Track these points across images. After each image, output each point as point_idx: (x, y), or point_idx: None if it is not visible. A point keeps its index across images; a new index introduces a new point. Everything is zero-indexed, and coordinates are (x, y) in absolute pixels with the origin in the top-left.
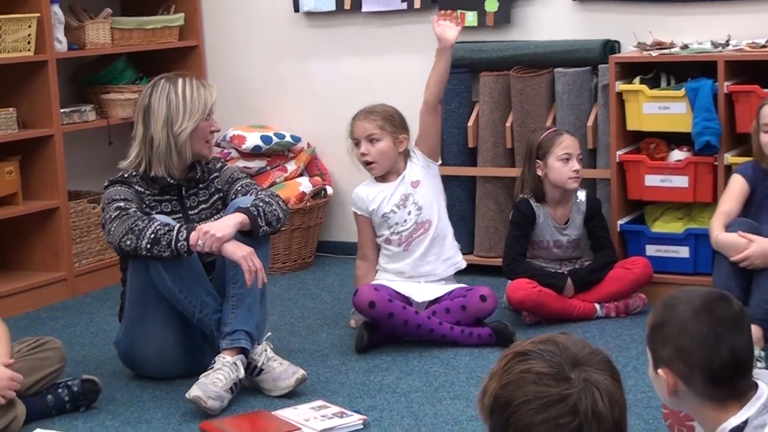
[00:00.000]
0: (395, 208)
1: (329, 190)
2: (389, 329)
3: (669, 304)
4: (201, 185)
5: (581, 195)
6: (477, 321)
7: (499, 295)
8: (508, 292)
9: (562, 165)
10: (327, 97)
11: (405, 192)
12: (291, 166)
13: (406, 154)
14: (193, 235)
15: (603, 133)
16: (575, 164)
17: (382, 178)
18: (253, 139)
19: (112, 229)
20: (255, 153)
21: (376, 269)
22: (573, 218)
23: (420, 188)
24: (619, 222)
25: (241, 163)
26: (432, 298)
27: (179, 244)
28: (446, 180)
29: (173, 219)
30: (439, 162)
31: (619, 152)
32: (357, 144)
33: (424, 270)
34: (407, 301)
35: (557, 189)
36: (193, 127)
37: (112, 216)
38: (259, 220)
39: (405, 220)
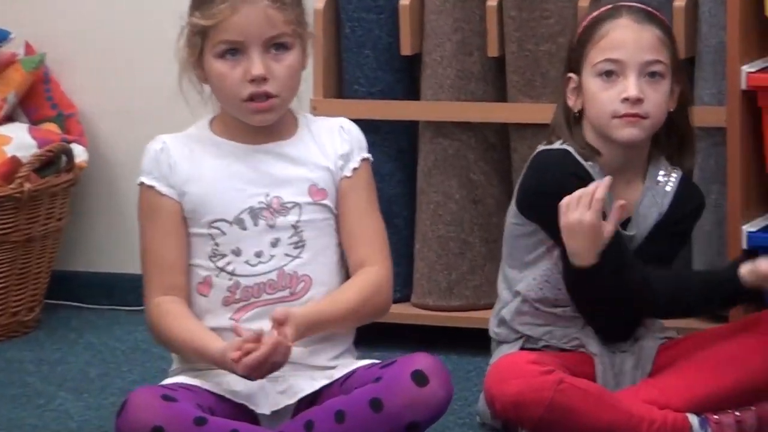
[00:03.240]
0: (248, 216)
1: (79, 152)
2: None
3: None
4: None
5: (668, 175)
6: (409, 430)
7: (471, 390)
8: (489, 381)
9: (602, 85)
10: None
11: (288, 180)
12: None
13: None
14: None
15: (710, 25)
16: (633, 86)
17: (243, 132)
18: None
19: None
20: None
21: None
22: (644, 209)
23: (327, 201)
24: (746, 228)
25: None
26: (300, 396)
27: None
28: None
29: None
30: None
31: (746, 68)
32: (228, 51)
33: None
34: (245, 412)
35: (607, 140)
36: None
37: None
38: None
39: (260, 254)
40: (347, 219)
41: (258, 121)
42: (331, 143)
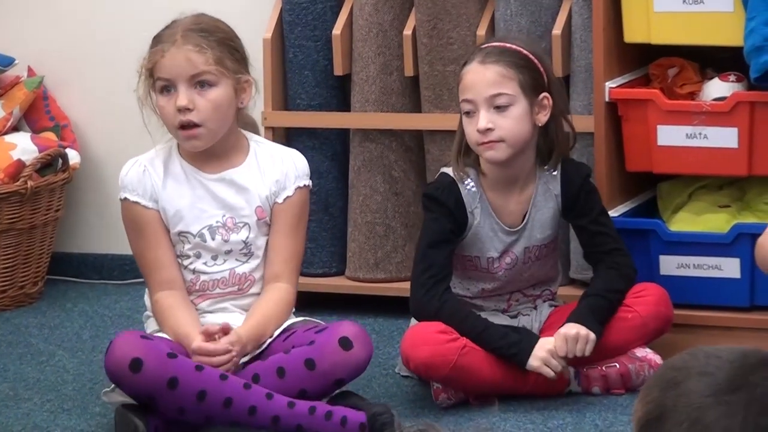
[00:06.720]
0: (207, 232)
1: (73, 156)
2: (174, 411)
3: (670, 380)
4: None
5: (554, 163)
6: (337, 385)
7: (394, 347)
8: (404, 345)
9: (466, 121)
10: None
11: (239, 206)
12: None
13: (244, 118)
14: None
15: (581, 49)
16: (482, 119)
17: (203, 158)
18: None
19: None
20: None
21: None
22: (536, 209)
23: (267, 219)
24: (611, 214)
25: None
26: (253, 354)
27: None
28: (292, 137)
29: None
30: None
31: (609, 84)
32: (165, 89)
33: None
34: None
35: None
36: None
37: None
38: None
39: (216, 258)
40: (272, 237)
41: (189, 147)
42: (270, 171)
